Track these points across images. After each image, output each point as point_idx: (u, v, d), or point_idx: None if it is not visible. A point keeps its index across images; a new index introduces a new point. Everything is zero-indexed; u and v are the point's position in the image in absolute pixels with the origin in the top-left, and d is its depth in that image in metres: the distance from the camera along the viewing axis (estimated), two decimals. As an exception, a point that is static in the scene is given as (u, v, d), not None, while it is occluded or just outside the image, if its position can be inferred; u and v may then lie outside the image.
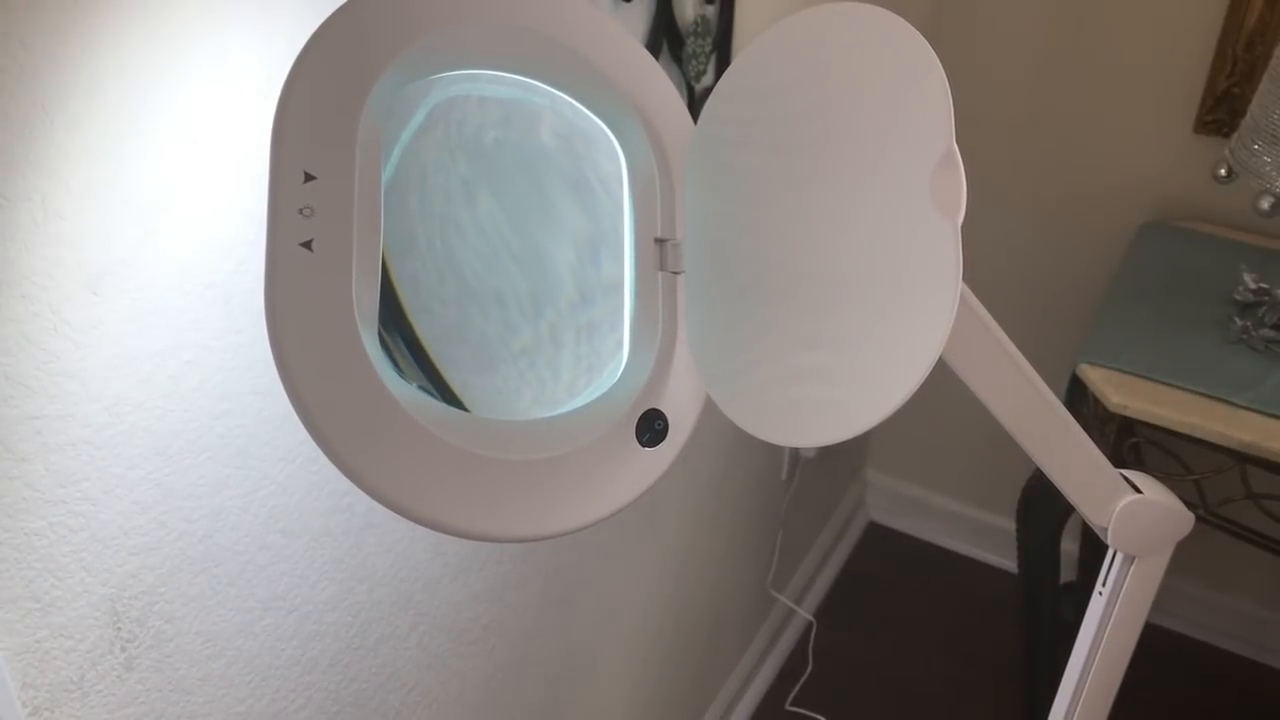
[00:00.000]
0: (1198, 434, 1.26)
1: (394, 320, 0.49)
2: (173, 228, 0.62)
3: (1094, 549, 1.76)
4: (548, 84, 0.51)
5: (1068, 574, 1.63)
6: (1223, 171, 1.30)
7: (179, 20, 0.59)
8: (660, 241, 0.51)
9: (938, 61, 0.41)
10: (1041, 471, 0.57)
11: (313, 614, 0.83)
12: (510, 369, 0.52)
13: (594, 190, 0.53)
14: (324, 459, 0.44)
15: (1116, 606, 0.63)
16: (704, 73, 1.10)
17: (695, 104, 1.13)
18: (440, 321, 0.50)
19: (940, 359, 0.41)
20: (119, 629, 0.67)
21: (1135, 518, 0.59)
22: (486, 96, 0.51)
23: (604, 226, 0.52)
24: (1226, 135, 1.55)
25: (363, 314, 0.43)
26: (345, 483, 0.85)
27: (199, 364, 0.66)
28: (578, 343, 0.52)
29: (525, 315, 0.52)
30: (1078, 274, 1.79)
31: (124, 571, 0.66)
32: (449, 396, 0.50)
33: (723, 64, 1.15)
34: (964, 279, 0.41)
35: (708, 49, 1.10)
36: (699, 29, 1.08)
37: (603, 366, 0.52)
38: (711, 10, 1.11)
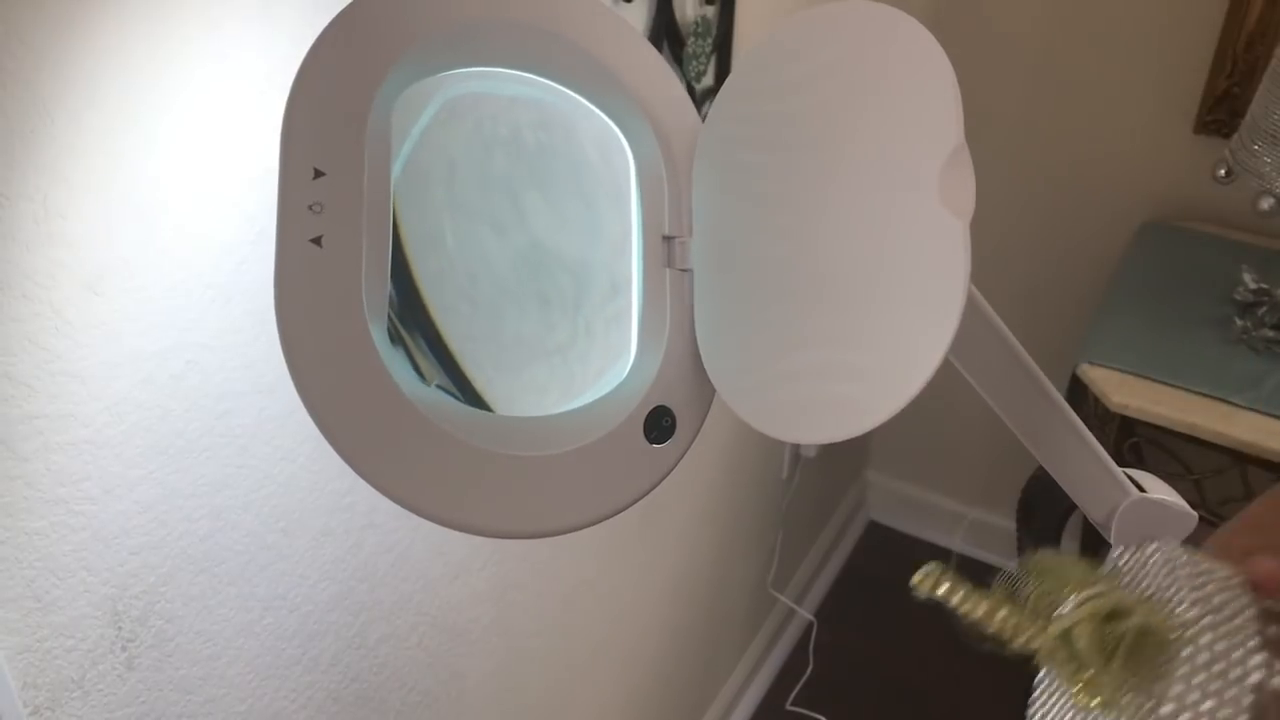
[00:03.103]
0: (1197, 434, 1.26)
1: (414, 318, 0.48)
2: (173, 227, 0.62)
3: (1094, 549, 1.76)
4: (555, 80, 0.51)
5: (1068, 574, 1.62)
6: (1223, 171, 1.31)
7: (180, 19, 0.59)
8: (668, 239, 0.51)
9: (946, 58, 0.41)
10: (1042, 471, 0.57)
11: (313, 613, 0.83)
12: (542, 365, 0.52)
13: (619, 187, 0.53)
14: (325, 458, 0.44)
15: (1119, 606, 0.63)
16: (704, 73, 1.10)
17: (695, 104, 1.13)
18: (468, 321, 0.50)
19: (945, 358, 0.41)
20: (120, 628, 0.67)
21: (1139, 517, 0.59)
22: (517, 97, 0.51)
23: (627, 221, 0.52)
24: (1226, 135, 1.55)
25: (372, 310, 0.43)
26: (346, 482, 0.85)
27: (200, 363, 0.66)
28: (607, 333, 0.52)
29: (565, 313, 0.52)
30: (1078, 274, 1.79)
31: (125, 571, 0.66)
32: (470, 395, 0.50)
33: (723, 64, 1.15)
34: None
35: (708, 49, 1.10)
36: (699, 29, 1.08)
37: (620, 355, 0.52)
38: (712, 10, 1.11)
